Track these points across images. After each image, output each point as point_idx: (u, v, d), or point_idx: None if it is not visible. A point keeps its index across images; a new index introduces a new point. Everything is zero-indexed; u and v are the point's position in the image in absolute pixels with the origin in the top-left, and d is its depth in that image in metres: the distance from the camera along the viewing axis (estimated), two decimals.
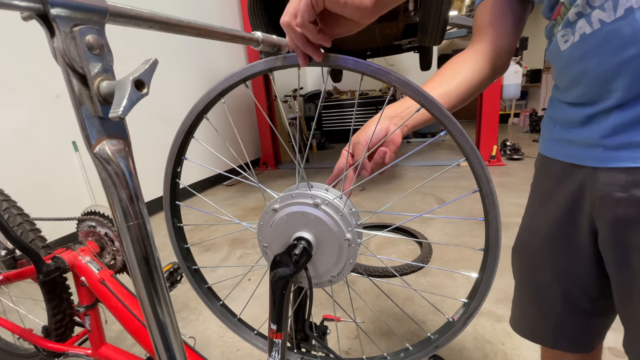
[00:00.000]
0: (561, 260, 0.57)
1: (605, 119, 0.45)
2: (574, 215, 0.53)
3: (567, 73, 0.50)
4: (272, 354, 0.52)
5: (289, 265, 0.48)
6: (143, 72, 0.20)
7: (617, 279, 0.51)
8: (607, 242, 0.49)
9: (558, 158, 0.55)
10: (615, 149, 0.45)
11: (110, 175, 0.22)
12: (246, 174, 0.56)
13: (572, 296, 0.58)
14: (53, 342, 0.97)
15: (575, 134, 0.51)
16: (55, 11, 0.19)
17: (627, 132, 0.43)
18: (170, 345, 0.27)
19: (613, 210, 0.47)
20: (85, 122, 0.21)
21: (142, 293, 0.25)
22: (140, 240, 0.24)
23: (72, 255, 0.85)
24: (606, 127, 0.45)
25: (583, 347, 0.62)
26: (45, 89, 2.31)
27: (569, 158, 0.53)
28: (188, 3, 3.80)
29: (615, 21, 0.40)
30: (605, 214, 0.48)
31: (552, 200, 0.56)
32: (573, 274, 0.57)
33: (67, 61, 0.20)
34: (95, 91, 0.20)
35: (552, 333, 0.63)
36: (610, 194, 0.46)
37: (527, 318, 0.67)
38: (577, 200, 0.52)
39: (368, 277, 0.60)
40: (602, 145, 0.46)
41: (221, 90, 0.47)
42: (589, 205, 0.50)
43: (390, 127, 0.54)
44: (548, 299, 0.61)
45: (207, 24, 0.33)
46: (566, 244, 0.56)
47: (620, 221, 0.46)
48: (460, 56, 0.62)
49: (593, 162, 0.48)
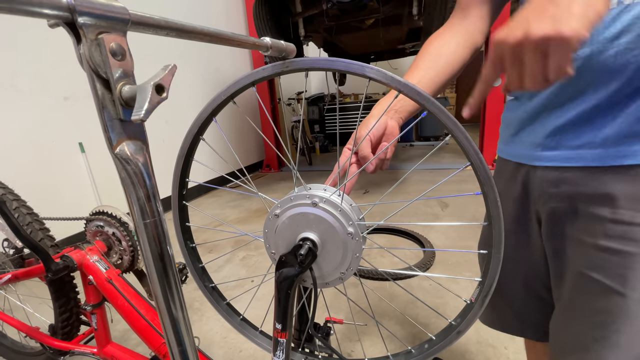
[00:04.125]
0: (521, 252, 0.62)
1: (547, 120, 0.50)
2: (526, 210, 0.58)
3: None
4: (277, 353, 0.53)
5: (294, 266, 0.49)
6: (163, 77, 0.21)
7: (553, 267, 0.55)
8: (545, 233, 0.54)
9: (508, 158, 0.60)
10: (551, 149, 0.50)
11: (129, 174, 0.23)
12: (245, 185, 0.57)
13: (530, 284, 0.63)
14: (59, 340, 0.98)
15: (523, 135, 0.55)
16: (82, 19, 0.20)
17: (562, 134, 0.48)
18: (182, 340, 0.28)
19: (548, 205, 0.52)
20: (107, 124, 0.22)
21: (157, 288, 0.26)
22: (156, 237, 0.25)
23: (80, 255, 0.86)
24: (548, 128, 0.49)
25: (547, 337, 0.64)
26: (54, 92, 2.35)
27: (516, 158, 0.58)
28: (195, 8, 3.85)
29: None
30: (543, 208, 0.53)
31: (508, 197, 0.61)
32: (531, 263, 0.61)
33: (92, 66, 0.21)
34: (118, 95, 0.22)
35: (518, 322, 0.68)
36: (545, 189, 0.52)
37: (495, 309, 0.70)
38: (525, 196, 0.57)
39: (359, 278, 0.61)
40: (542, 145, 0.51)
41: (232, 93, 0.48)
42: (533, 201, 0.56)
43: (388, 121, 0.55)
44: (512, 287, 0.65)
45: (219, 30, 0.34)
46: (524, 237, 0.60)
47: (554, 214, 0.51)
48: (441, 37, 0.62)
49: (532, 161, 0.53)
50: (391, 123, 0.55)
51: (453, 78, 0.61)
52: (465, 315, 0.49)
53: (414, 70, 0.59)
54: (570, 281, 0.51)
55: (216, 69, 4.20)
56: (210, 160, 3.71)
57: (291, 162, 0.52)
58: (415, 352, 0.53)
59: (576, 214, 0.48)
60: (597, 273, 0.46)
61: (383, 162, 0.55)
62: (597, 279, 0.46)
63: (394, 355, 0.55)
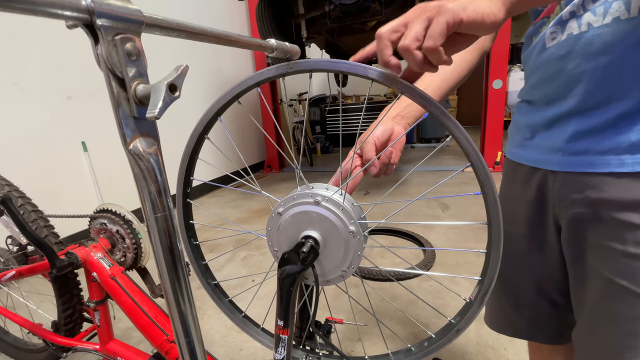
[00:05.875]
0: (535, 257, 0.61)
1: (566, 125, 0.49)
2: (542, 215, 0.57)
3: (542, 71, 0.52)
4: (279, 349, 0.54)
5: (296, 263, 0.50)
6: (176, 77, 0.22)
7: (573, 273, 0.54)
8: (566, 239, 0.53)
9: (522, 162, 0.59)
10: (573, 155, 0.49)
11: (141, 170, 0.24)
12: (250, 184, 0.58)
13: (544, 289, 0.62)
14: (62, 336, 0.99)
15: (538, 139, 0.55)
16: (100, 21, 0.21)
17: (586, 139, 0.47)
18: (190, 331, 0.29)
19: (570, 210, 0.51)
20: (122, 122, 0.23)
21: (166, 280, 0.27)
22: (166, 230, 0.26)
23: (84, 252, 0.87)
24: (568, 133, 0.49)
25: (558, 339, 0.65)
26: (58, 91, 2.37)
27: (531, 162, 0.57)
28: (199, 10, 3.87)
29: (601, 27, 0.42)
30: (564, 214, 0.52)
31: (522, 202, 0.60)
32: (545, 269, 0.60)
33: (109, 66, 0.22)
34: (132, 93, 0.23)
35: (527, 326, 0.67)
36: (568, 195, 0.50)
37: (504, 314, 0.70)
38: (542, 202, 0.56)
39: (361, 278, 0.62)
40: (563, 150, 0.50)
41: (237, 93, 0.49)
42: (551, 205, 0.54)
43: (394, 126, 0.56)
44: (523, 292, 0.65)
45: (226, 32, 0.35)
46: (538, 242, 0.59)
47: (577, 220, 0.50)
48: None
49: (553, 166, 0.52)
50: (397, 129, 0.55)
51: (460, 82, 0.62)
52: (464, 313, 0.49)
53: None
54: (595, 288, 0.49)
55: (218, 69, 4.22)
56: (213, 160, 3.72)
57: (294, 162, 0.52)
58: (415, 350, 0.54)
59: (601, 220, 0.47)
60: (626, 280, 0.44)
61: (388, 166, 0.55)
62: (627, 287, 0.44)
63: (394, 353, 0.56)
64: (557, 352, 0.72)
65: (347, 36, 4.19)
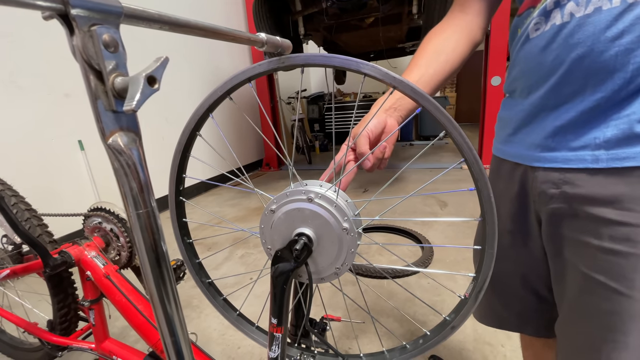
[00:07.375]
0: (520, 251, 0.61)
1: (545, 121, 0.49)
2: (525, 210, 0.58)
3: (524, 63, 0.52)
4: (273, 347, 0.53)
5: (289, 261, 0.49)
6: (155, 68, 0.21)
7: (553, 268, 0.55)
8: (545, 234, 0.54)
9: (506, 158, 0.60)
10: (550, 151, 0.49)
11: (122, 165, 0.24)
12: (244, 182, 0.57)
13: (530, 283, 0.63)
14: (57, 335, 0.99)
15: (521, 135, 0.55)
16: (75, 11, 0.20)
17: (564, 134, 0.47)
18: (175, 331, 0.28)
19: (548, 205, 0.51)
20: (100, 115, 0.22)
21: (150, 279, 0.26)
22: (149, 227, 0.25)
23: (78, 250, 0.87)
24: (546, 129, 0.49)
25: (546, 332, 0.65)
26: (54, 89, 2.35)
27: (514, 158, 0.57)
28: (195, 4, 3.85)
29: (582, 17, 0.42)
30: (543, 209, 0.53)
31: (506, 198, 0.60)
32: (531, 264, 0.61)
33: (85, 58, 0.21)
34: (110, 86, 0.22)
35: (516, 318, 0.68)
36: (545, 190, 0.51)
37: (493, 307, 0.71)
38: (525, 197, 0.57)
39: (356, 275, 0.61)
40: (542, 145, 0.50)
41: (228, 89, 0.48)
42: (532, 201, 0.55)
43: (387, 119, 0.55)
44: (510, 285, 0.65)
45: (213, 25, 0.34)
46: (522, 237, 0.60)
47: (555, 215, 0.51)
48: (440, 33, 0.62)
49: (532, 161, 0.52)
50: (390, 121, 0.55)
51: (453, 74, 0.61)
52: (459, 310, 0.49)
53: (413, 68, 0.59)
54: (573, 282, 0.50)
55: (216, 67, 4.21)
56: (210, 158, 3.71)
57: (287, 158, 0.52)
58: (410, 347, 0.54)
59: (577, 215, 0.48)
60: (602, 275, 0.45)
61: (381, 161, 0.55)
62: (603, 282, 0.45)
63: (389, 351, 0.56)
64: (548, 347, 0.72)
65: (344, 33, 4.18)
